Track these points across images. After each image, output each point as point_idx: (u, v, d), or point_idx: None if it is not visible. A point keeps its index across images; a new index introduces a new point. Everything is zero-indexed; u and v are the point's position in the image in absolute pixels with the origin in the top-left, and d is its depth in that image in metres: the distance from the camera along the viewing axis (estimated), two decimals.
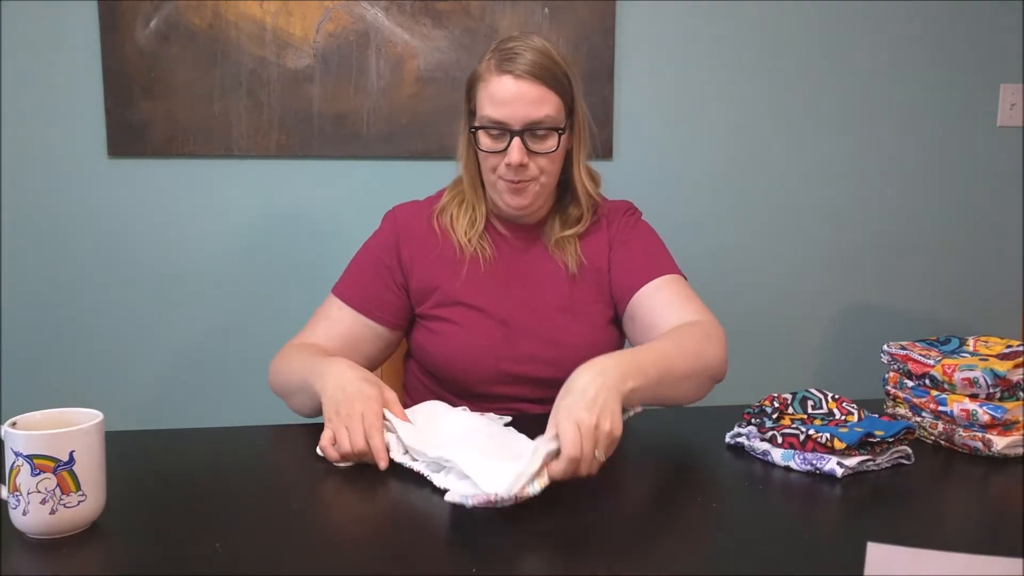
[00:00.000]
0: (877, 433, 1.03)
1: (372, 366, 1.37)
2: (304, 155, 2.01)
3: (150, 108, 1.94)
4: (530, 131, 1.24)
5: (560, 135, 1.27)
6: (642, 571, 0.81)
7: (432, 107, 2.02)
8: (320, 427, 1.18)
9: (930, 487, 1.02)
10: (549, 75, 1.25)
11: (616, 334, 1.36)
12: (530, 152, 1.25)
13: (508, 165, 1.25)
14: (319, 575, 0.79)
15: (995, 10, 2.23)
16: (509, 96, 1.23)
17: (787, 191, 2.23)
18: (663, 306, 1.27)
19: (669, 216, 2.22)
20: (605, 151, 2.11)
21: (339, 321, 1.33)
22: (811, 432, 1.03)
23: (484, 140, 1.27)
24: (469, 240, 1.33)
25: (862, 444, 1.02)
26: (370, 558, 0.83)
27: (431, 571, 0.80)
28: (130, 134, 1.94)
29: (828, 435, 1.02)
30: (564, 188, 1.37)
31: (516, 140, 1.24)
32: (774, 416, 1.11)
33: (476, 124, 1.27)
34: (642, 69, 2.12)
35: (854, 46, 2.19)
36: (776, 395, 1.14)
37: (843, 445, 1.01)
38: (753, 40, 2.15)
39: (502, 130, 1.25)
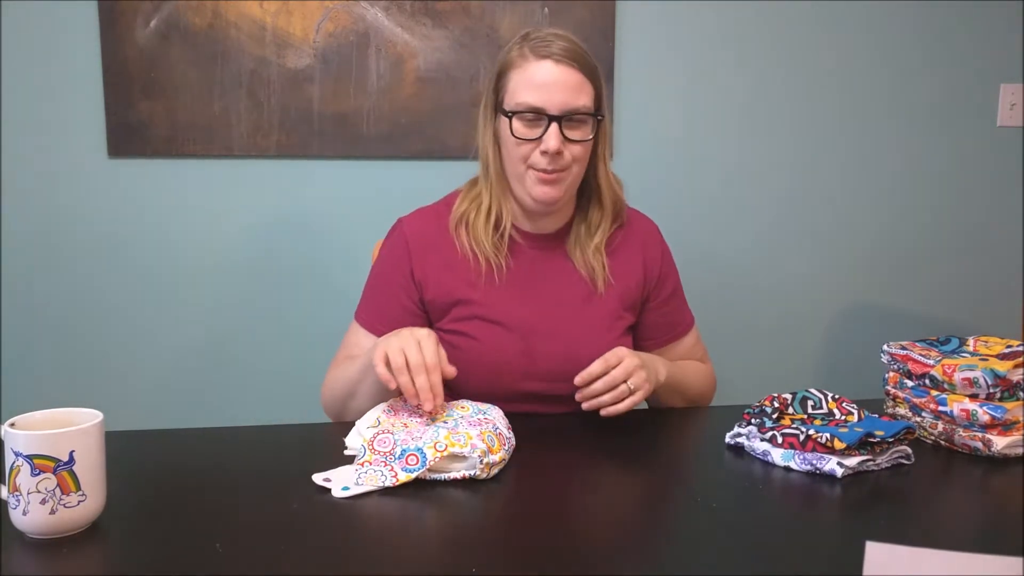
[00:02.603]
0: (877, 433, 1.03)
1: None
2: (304, 155, 2.01)
3: (150, 108, 1.94)
4: (567, 117, 1.22)
5: (598, 122, 1.25)
6: (642, 571, 0.81)
7: (432, 107, 2.02)
8: (319, 425, 1.18)
9: (930, 487, 1.02)
10: (587, 63, 1.23)
11: (631, 344, 1.34)
12: (566, 140, 1.22)
13: (544, 153, 1.22)
14: (319, 575, 0.79)
15: (995, 10, 2.23)
16: (549, 80, 1.20)
17: (787, 191, 2.23)
18: (685, 353, 1.42)
19: (670, 216, 2.22)
20: None
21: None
22: (811, 432, 1.03)
23: (519, 127, 1.23)
24: (493, 244, 1.28)
25: (862, 444, 1.02)
26: (370, 558, 0.83)
27: (432, 571, 0.80)
28: (130, 134, 1.94)
29: (828, 435, 1.02)
30: (582, 192, 1.33)
31: (553, 126, 1.21)
32: (774, 416, 1.11)
33: (511, 109, 1.23)
34: (642, 69, 2.11)
35: (854, 46, 2.19)
36: (776, 395, 1.14)
37: (843, 445, 1.01)
38: (753, 40, 2.15)
39: (538, 115, 1.21)
